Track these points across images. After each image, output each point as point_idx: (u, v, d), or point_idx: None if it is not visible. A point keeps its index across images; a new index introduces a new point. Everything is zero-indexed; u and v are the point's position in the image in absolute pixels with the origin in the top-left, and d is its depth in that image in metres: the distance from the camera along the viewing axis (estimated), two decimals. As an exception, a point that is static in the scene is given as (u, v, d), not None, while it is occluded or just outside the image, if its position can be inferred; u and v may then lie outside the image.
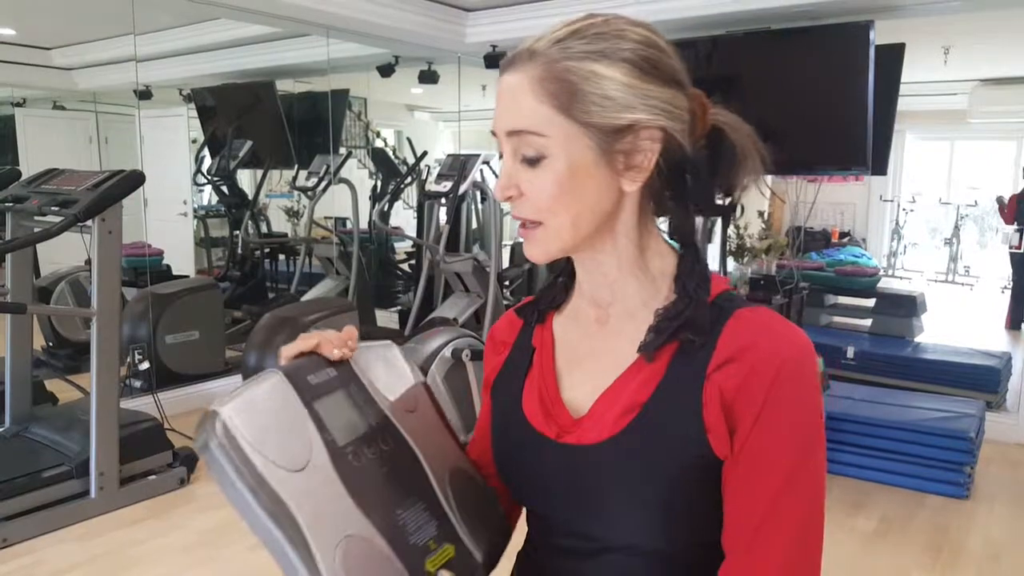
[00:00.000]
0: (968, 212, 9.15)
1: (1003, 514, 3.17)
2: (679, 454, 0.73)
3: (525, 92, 0.72)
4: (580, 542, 0.81)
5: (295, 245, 6.14)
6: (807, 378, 0.73)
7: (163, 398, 3.89)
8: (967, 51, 5.91)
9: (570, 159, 0.72)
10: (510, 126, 0.74)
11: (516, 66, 0.74)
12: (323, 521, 0.69)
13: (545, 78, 0.72)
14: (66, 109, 5.61)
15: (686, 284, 0.78)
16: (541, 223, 0.75)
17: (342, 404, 0.78)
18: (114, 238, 2.84)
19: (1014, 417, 4.01)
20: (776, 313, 0.78)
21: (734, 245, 4.44)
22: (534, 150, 0.73)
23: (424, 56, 5.51)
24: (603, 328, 0.83)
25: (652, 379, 0.76)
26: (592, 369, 0.82)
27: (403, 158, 6.77)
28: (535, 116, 0.72)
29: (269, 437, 0.70)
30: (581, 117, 0.72)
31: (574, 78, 0.71)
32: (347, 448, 0.75)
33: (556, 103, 0.71)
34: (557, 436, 0.81)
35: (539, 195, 0.74)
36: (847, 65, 3.61)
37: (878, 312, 5.49)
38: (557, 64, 0.72)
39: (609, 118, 0.72)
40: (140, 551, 2.72)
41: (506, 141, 0.75)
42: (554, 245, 0.77)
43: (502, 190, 0.75)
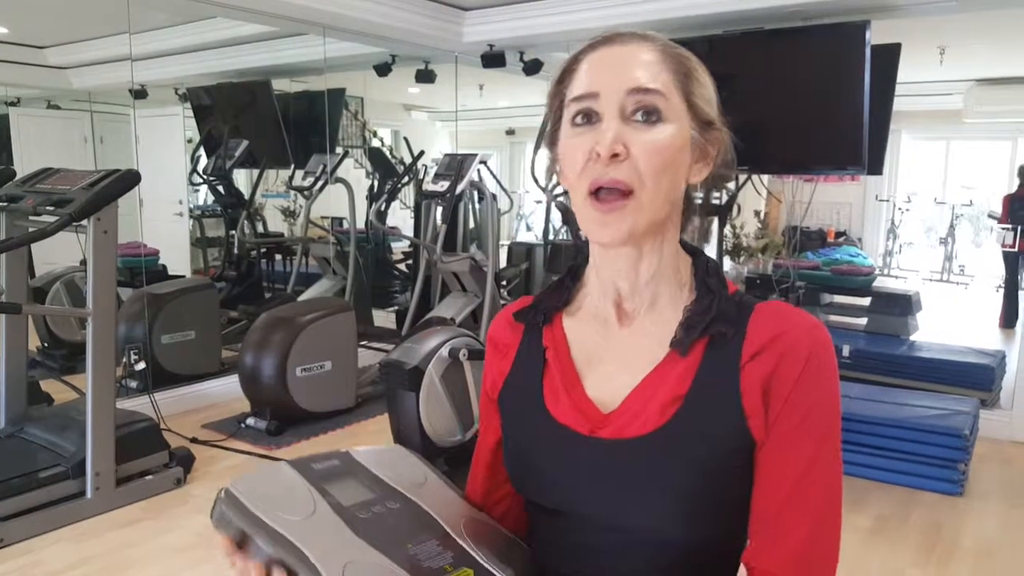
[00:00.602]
0: (963, 212, 9.18)
1: (997, 511, 3.18)
2: (722, 442, 0.76)
3: (652, 59, 0.77)
4: (610, 537, 0.81)
5: (291, 245, 6.13)
6: (831, 364, 0.78)
7: (159, 398, 3.89)
8: (963, 51, 5.93)
9: (680, 129, 0.77)
10: (637, 83, 0.76)
11: (630, 41, 0.79)
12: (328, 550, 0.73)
13: (669, 56, 0.78)
14: (61, 108, 5.59)
15: (707, 281, 0.82)
16: (632, 192, 0.75)
17: (347, 482, 0.84)
18: (109, 238, 2.84)
19: (1008, 415, 4.03)
20: (791, 304, 0.82)
21: (731, 244, 4.45)
22: (656, 110, 0.76)
23: (421, 55, 5.51)
24: (626, 328, 0.84)
25: (688, 372, 0.79)
26: (617, 368, 0.83)
27: (400, 158, 6.77)
28: (662, 79, 0.77)
29: (272, 500, 0.77)
30: (691, 98, 0.78)
31: (689, 64, 0.79)
32: (352, 507, 0.80)
33: (678, 79, 0.78)
34: (591, 432, 0.81)
35: (648, 154, 0.75)
36: (843, 65, 3.62)
37: (873, 311, 5.51)
38: (675, 50, 0.79)
39: (705, 109, 0.80)
40: (136, 551, 2.72)
41: (617, 100, 0.76)
42: (642, 219, 0.77)
43: (611, 145, 0.74)
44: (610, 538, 0.81)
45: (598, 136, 0.75)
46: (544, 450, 0.84)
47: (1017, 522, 3.10)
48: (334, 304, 4.40)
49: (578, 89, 0.78)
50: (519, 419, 0.89)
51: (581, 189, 0.77)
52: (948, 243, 9.06)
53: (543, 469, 0.85)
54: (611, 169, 0.75)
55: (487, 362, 0.95)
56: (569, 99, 0.79)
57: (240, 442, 3.74)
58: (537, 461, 0.85)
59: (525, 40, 4.94)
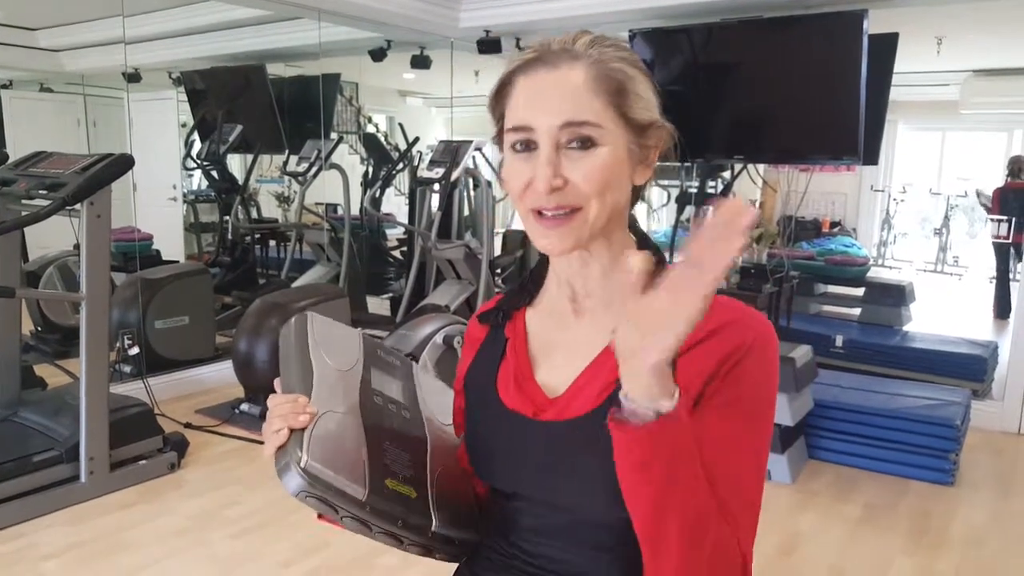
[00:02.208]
0: (958, 203, 9.19)
1: (987, 500, 3.20)
2: None
3: (582, 85, 0.79)
4: (554, 518, 0.86)
5: (286, 231, 6.11)
6: (772, 358, 0.82)
7: (153, 383, 3.88)
8: (960, 41, 5.92)
9: (616, 148, 0.80)
10: (568, 117, 0.78)
11: (559, 63, 0.80)
12: (330, 395, 0.84)
13: (598, 76, 0.79)
14: (53, 91, 5.55)
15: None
16: (580, 209, 0.80)
17: (390, 378, 0.94)
18: (103, 222, 2.82)
19: (999, 405, 4.05)
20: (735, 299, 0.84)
21: (725, 233, 4.45)
22: (588, 140, 0.78)
23: (416, 41, 5.48)
24: (579, 319, 0.89)
25: None
26: (568, 356, 0.88)
27: (395, 144, 6.73)
28: (594, 108, 0.79)
29: (329, 343, 0.89)
30: (626, 112, 0.80)
31: (621, 77, 0.80)
32: (376, 391, 0.90)
33: (610, 99, 0.79)
34: (534, 414, 0.86)
35: (587, 181, 0.79)
36: (840, 54, 3.61)
37: (867, 301, 5.52)
38: (603, 64, 0.80)
39: (644, 115, 0.82)
40: (130, 536, 2.72)
41: (551, 134, 0.79)
42: (587, 232, 0.81)
43: (550, 180, 0.78)
44: (554, 519, 0.86)
45: (537, 168, 0.79)
46: (495, 434, 0.90)
47: (1007, 512, 3.12)
48: (328, 290, 4.40)
49: (514, 120, 0.81)
50: (476, 406, 0.95)
51: (524, 207, 0.82)
52: (942, 234, 9.08)
53: (494, 452, 0.90)
54: (553, 197, 0.79)
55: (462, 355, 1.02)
56: (507, 127, 0.82)
57: (234, 427, 3.74)
58: (490, 445, 0.91)
59: (521, 26, 4.92)
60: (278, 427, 0.79)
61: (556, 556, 0.86)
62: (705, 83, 3.99)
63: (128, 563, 2.55)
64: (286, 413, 0.79)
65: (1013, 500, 3.24)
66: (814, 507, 3.08)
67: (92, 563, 2.55)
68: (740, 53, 3.95)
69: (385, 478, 0.82)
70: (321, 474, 0.77)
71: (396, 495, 0.82)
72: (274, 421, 0.80)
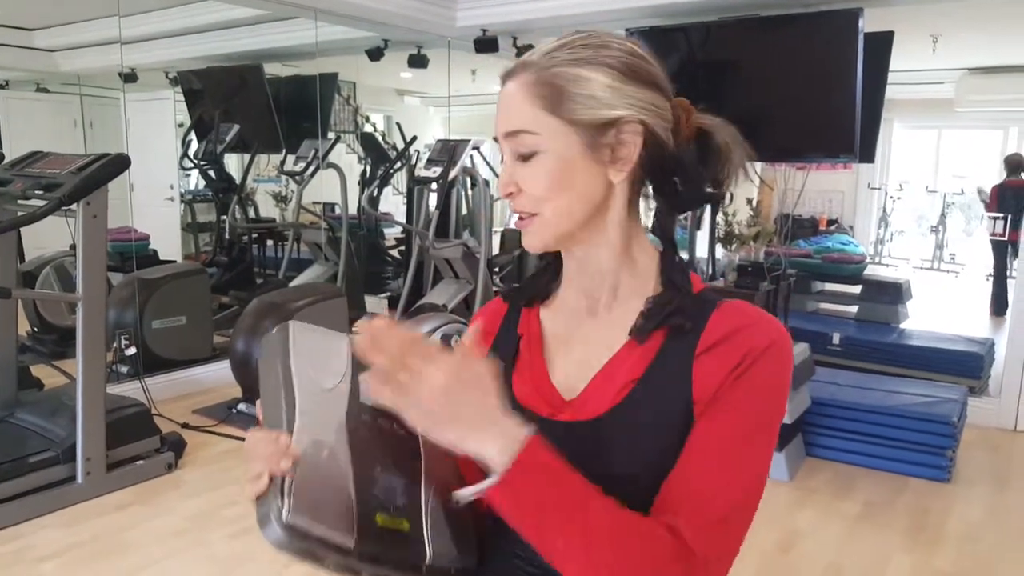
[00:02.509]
0: (954, 200, 9.21)
1: (983, 497, 3.21)
2: (670, 425, 0.79)
3: (519, 97, 0.81)
4: None
5: (283, 230, 6.11)
6: (783, 363, 0.81)
7: (150, 383, 3.88)
8: (955, 40, 5.93)
9: (559, 153, 0.81)
10: (507, 128, 0.82)
11: (512, 77, 0.83)
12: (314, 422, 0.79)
13: (536, 83, 0.81)
14: (50, 92, 5.54)
15: (671, 277, 0.86)
16: (537, 214, 0.83)
17: None
18: (99, 222, 2.82)
19: (996, 402, 4.06)
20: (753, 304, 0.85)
21: (722, 232, 4.45)
22: (527, 147, 0.81)
23: (414, 40, 5.48)
24: (593, 318, 0.89)
25: (644, 359, 0.82)
26: (582, 356, 0.88)
27: (392, 143, 6.73)
28: (527, 117, 0.81)
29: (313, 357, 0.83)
30: (567, 115, 0.80)
31: (561, 81, 0.80)
32: (366, 406, 0.83)
33: (545, 104, 0.80)
34: (550, 415, 0.85)
35: (534, 187, 0.82)
36: (836, 53, 3.62)
37: (864, 299, 5.53)
38: (546, 71, 0.81)
39: (593, 114, 0.80)
40: (128, 536, 2.72)
41: (505, 143, 0.83)
42: (549, 233, 0.84)
43: (503, 187, 0.84)
44: None
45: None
46: None
47: (1003, 508, 3.13)
48: (326, 290, 4.40)
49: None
50: None
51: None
52: (939, 231, 9.10)
53: None
54: (514, 203, 0.84)
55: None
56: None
57: (231, 427, 3.74)
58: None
59: (518, 25, 4.92)
60: (258, 471, 0.75)
61: None
62: (702, 82, 3.99)
63: (126, 564, 2.55)
64: (266, 456, 0.74)
65: (1009, 496, 3.25)
66: (812, 504, 3.09)
67: (90, 564, 2.54)
68: (737, 52, 3.96)
69: (375, 513, 0.78)
70: (305, 526, 0.72)
71: (387, 532, 0.78)
72: (254, 464, 0.75)
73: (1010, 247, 6.55)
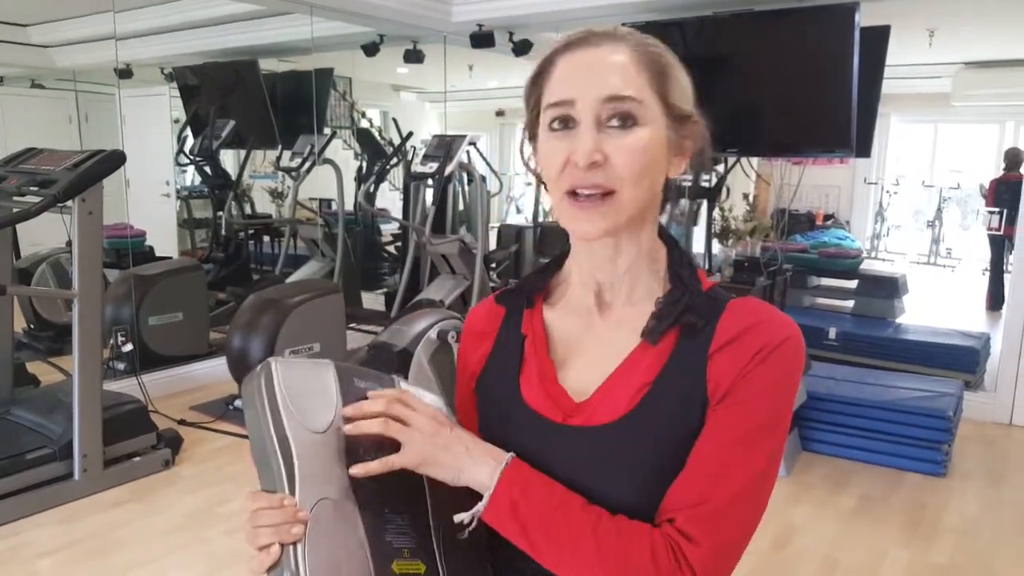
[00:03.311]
0: (951, 195, 9.22)
1: (979, 491, 3.22)
2: (686, 429, 0.78)
3: (626, 64, 0.78)
4: None
5: (279, 226, 6.09)
6: (797, 361, 0.81)
7: (147, 380, 3.88)
8: (952, 34, 5.93)
9: (656, 131, 0.78)
10: (612, 91, 0.76)
11: (603, 43, 0.79)
12: (315, 473, 0.74)
13: (642, 57, 0.78)
14: (45, 87, 5.53)
15: (680, 273, 0.85)
16: (614, 192, 0.77)
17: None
18: (94, 219, 2.81)
19: (991, 396, 4.07)
20: (764, 301, 0.85)
21: (719, 227, 4.45)
22: (632, 116, 0.77)
23: (409, 35, 5.46)
24: (604, 318, 0.87)
25: (657, 361, 0.81)
26: (593, 357, 0.85)
27: (389, 139, 6.72)
28: (637, 84, 0.77)
29: (301, 397, 0.78)
30: (668, 97, 0.79)
31: (664, 63, 0.80)
32: (363, 442, 0.79)
33: (652, 80, 0.78)
34: (563, 420, 0.83)
35: (626, 160, 0.77)
36: (832, 47, 3.61)
37: (860, 293, 5.54)
38: (648, 48, 0.79)
39: (683, 105, 0.81)
40: (123, 533, 2.72)
41: (593, 108, 0.77)
42: (622, 216, 0.79)
43: (589, 155, 0.76)
44: None
45: (575, 143, 0.77)
46: (517, 438, 0.85)
47: (999, 502, 3.14)
48: (323, 286, 4.39)
49: (554, 95, 0.79)
50: (495, 407, 0.90)
51: (559, 189, 0.79)
52: (936, 226, 9.11)
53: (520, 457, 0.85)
54: (590, 175, 0.77)
55: (463, 351, 0.96)
56: (546, 104, 0.80)
57: (228, 424, 3.74)
58: (510, 449, 0.85)
59: (514, 20, 4.91)
60: (266, 542, 0.71)
61: None
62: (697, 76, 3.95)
63: (122, 561, 2.55)
64: (276, 524, 0.71)
65: (1005, 490, 3.26)
66: (808, 499, 3.09)
67: (86, 561, 2.54)
68: (732, 46, 3.94)
69: (391, 562, 0.75)
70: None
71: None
72: (261, 535, 0.71)
73: (1006, 241, 6.56)
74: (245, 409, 0.80)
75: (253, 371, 0.80)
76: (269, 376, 0.78)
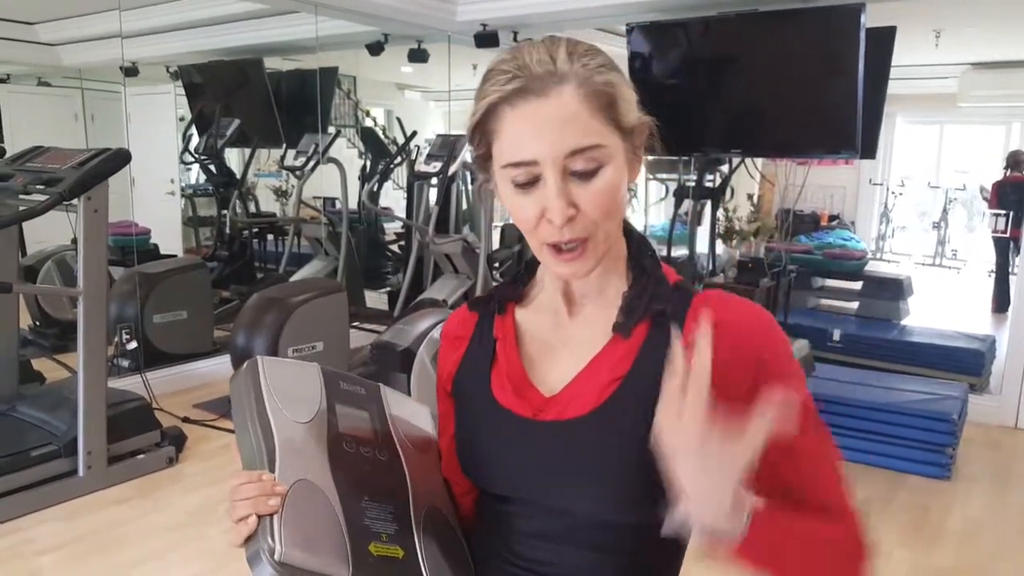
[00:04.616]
0: (957, 196, 9.19)
1: (983, 494, 3.21)
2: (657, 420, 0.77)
3: (578, 111, 0.75)
4: (552, 522, 0.84)
5: (283, 225, 6.11)
6: (784, 341, 0.82)
7: (151, 378, 3.89)
8: (958, 34, 5.91)
9: (618, 162, 0.77)
10: (574, 145, 0.74)
11: (548, 91, 0.75)
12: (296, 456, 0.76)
13: (590, 95, 0.75)
14: (51, 86, 5.54)
15: (642, 263, 0.85)
16: (588, 238, 0.78)
17: (359, 413, 0.87)
18: (100, 217, 2.82)
19: (997, 399, 4.05)
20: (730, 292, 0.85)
21: (723, 228, 4.45)
22: (595, 162, 0.75)
23: (414, 34, 5.46)
24: (574, 319, 0.88)
25: (629, 355, 0.81)
26: (564, 355, 0.86)
27: (393, 138, 6.72)
28: (594, 129, 0.75)
29: (285, 391, 0.81)
30: (620, 122, 0.78)
31: (609, 89, 0.76)
32: (345, 435, 0.82)
33: (605, 115, 0.76)
34: (534, 415, 0.84)
35: (596, 206, 0.76)
36: (838, 48, 3.60)
37: (865, 295, 5.53)
38: (590, 80, 0.75)
39: (632, 118, 0.79)
40: (128, 530, 2.73)
41: (557, 164, 0.75)
42: (601, 251, 0.80)
43: (564, 211, 0.75)
44: (552, 523, 0.83)
45: (545, 200, 0.76)
46: (490, 436, 0.87)
47: (1003, 505, 3.13)
48: (326, 285, 4.39)
49: (512, 155, 0.76)
50: (469, 407, 0.91)
51: (538, 240, 0.79)
52: (941, 227, 9.08)
53: (489, 455, 0.87)
54: (566, 231, 0.76)
55: (441, 357, 0.98)
56: (503, 162, 0.78)
57: (232, 422, 3.74)
58: (484, 447, 0.88)
59: (518, 20, 4.91)
60: (244, 514, 0.72)
61: (555, 560, 0.84)
62: (702, 77, 3.98)
63: (125, 558, 2.56)
64: (253, 497, 0.72)
65: (1010, 494, 3.25)
66: (811, 501, 3.08)
67: (89, 558, 2.55)
68: (737, 47, 3.94)
69: (369, 543, 0.76)
70: (300, 563, 0.70)
71: (383, 561, 0.76)
72: (239, 507, 0.73)
73: (1012, 243, 6.54)
74: (232, 401, 0.83)
75: (240, 368, 0.83)
76: (255, 370, 0.82)
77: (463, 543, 0.89)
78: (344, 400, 0.86)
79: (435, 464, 0.93)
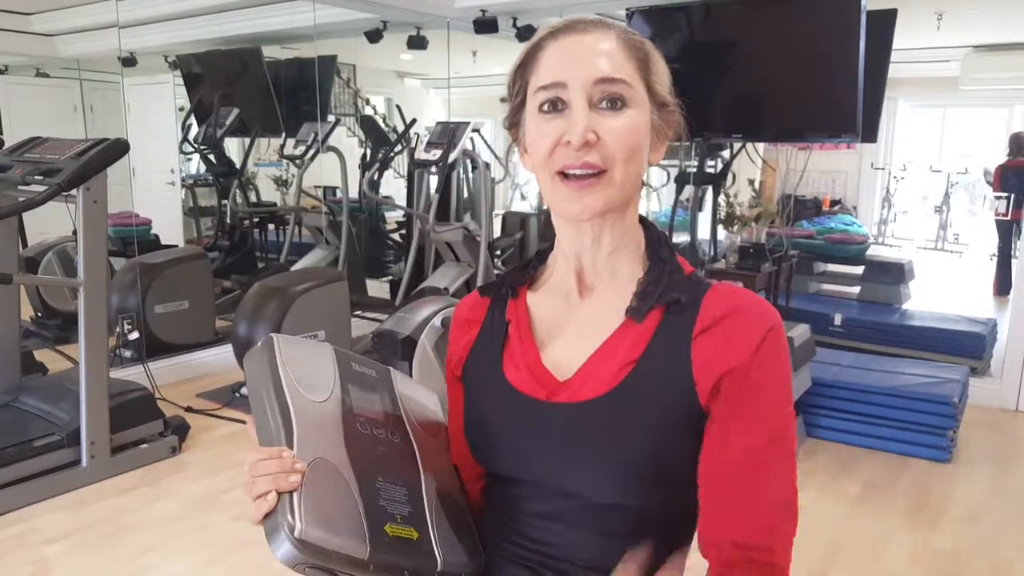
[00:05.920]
0: (958, 180, 9.16)
1: (983, 477, 3.22)
2: (670, 406, 0.79)
3: (616, 49, 0.81)
4: (562, 504, 0.84)
5: (284, 214, 6.10)
6: (784, 348, 0.81)
7: (153, 368, 3.90)
8: (960, 17, 5.86)
9: (643, 113, 0.81)
10: (603, 74, 0.79)
11: (590, 30, 0.82)
12: (313, 435, 0.77)
13: (628, 45, 0.82)
14: (49, 76, 5.53)
15: (658, 251, 0.86)
16: (606, 171, 0.79)
17: (371, 395, 0.88)
18: (99, 207, 2.82)
19: (997, 382, 4.06)
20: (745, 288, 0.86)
21: (724, 213, 4.44)
22: (622, 98, 0.80)
23: (413, 21, 5.43)
24: (585, 300, 0.88)
25: (642, 339, 0.82)
26: (575, 338, 0.87)
27: (392, 126, 6.71)
28: (626, 69, 0.80)
29: (300, 368, 0.82)
30: (652, 84, 0.83)
31: (648, 51, 0.83)
32: (359, 416, 0.83)
33: (639, 65, 0.81)
34: (547, 397, 0.84)
35: (616, 139, 0.79)
36: (838, 31, 3.57)
37: (866, 279, 5.52)
38: (632, 37, 0.83)
39: (663, 92, 0.84)
40: (131, 519, 2.75)
41: (585, 89, 0.79)
42: (613, 195, 0.81)
43: (582, 134, 0.78)
44: (561, 504, 0.84)
45: (567, 124, 0.79)
46: (502, 418, 0.87)
47: (1004, 488, 3.14)
48: (327, 274, 4.39)
49: (544, 78, 0.81)
50: (480, 389, 0.92)
51: (549, 171, 0.81)
52: (943, 212, 9.05)
53: (500, 437, 0.87)
54: (582, 154, 0.78)
55: (451, 339, 0.98)
56: (535, 87, 0.82)
57: (234, 411, 3.76)
58: (495, 429, 0.88)
59: (517, 5, 4.88)
60: (264, 490, 0.72)
61: (563, 543, 0.84)
62: (703, 62, 3.96)
63: (129, 547, 2.57)
64: (273, 473, 0.72)
65: (1010, 477, 3.26)
66: (812, 485, 3.10)
67: (93, 547, 2.57)
68: (738, 31, 3.91)
69: (384, 524, 0.77)
70: (319, 541, 0.70)
71: (398, 542, 0.77)
72: (259, 483, 0.72)
73: (1014, 227, 6.52)
74: (247, 379, 0.83)
75: (256, 345, 0.84)
76: (271, 348, 0.82)
77: (472, 527, 0.90)
78: (356, 381, 0.87)
79: (445, 448, 0.94)
